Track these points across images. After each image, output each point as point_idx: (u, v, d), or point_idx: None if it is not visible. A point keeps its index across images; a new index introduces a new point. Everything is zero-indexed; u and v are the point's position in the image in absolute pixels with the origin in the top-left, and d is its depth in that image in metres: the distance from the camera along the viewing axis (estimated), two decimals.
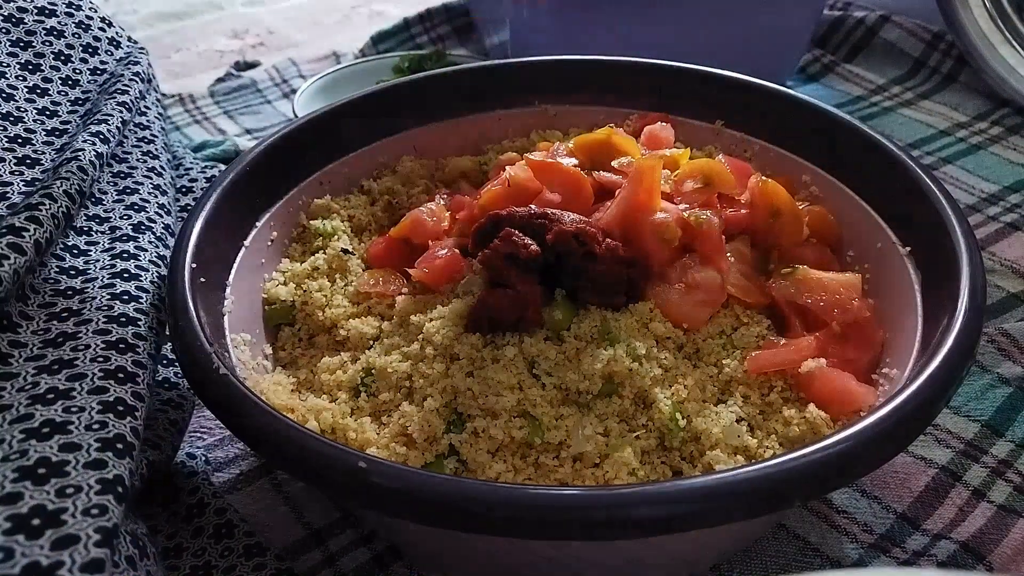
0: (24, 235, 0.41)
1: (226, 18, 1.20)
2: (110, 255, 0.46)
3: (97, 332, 0.41)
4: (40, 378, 0.38)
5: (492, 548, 0.38)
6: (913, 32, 0.92)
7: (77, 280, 0.44)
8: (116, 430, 0.36)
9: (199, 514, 0.47)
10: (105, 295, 0.43)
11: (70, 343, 0.40)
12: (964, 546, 0.45)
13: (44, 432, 0.35)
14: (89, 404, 0.36)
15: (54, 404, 0.36)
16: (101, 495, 0.33)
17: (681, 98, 0.61)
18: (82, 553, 0.31)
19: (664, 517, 0.33)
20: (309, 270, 0.52)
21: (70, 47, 0.56)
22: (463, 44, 1.05)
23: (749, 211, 0.50)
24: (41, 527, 0.31)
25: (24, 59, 0.53)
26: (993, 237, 0.67)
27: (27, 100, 0.52)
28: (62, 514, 0.32)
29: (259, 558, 0.45)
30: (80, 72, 0.56)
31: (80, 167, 0.47)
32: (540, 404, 0.42)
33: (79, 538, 0.31)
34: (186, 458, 0.51)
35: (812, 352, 0.44)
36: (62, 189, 0.45)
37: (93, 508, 0.32)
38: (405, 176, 0.60)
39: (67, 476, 0.33)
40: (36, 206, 0.43)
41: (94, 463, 0.34)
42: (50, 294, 0.43)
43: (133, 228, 0.48)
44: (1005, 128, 0.81)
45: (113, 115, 0.53)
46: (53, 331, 0.41)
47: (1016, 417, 0.52)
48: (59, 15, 0.57)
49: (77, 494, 0.33)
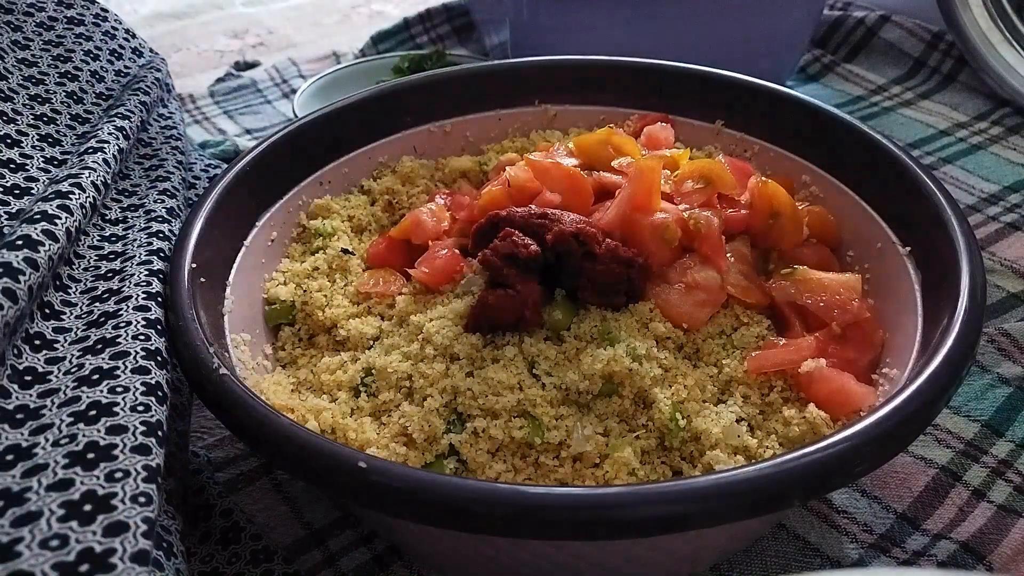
0: (56, 223, 0.42)
1: (226, 18, 1.20)
2: (146, 234, 0.47)
3: (137, 309, 0.41)
4: (85, 359, 0.38)
5: (492, 548, 0.38)
6: (913, 32, 0.93)
7: (116, 262, 0.45)
8: (157, 416, 0.36)
9: (205, 517, 0.47)
10: (143, 271, 0.44)
11: (111, 321, 0.40)
12: (964, 546, 0.45)
13: (91, 415, 0.34)
14: (133, 384, 0.36)
15: (99, 385, 0.36)
16: (147, 483, 0.32)
17: (681, 98, 0.61)
18: (131, 542, 0.30)
19: (664, 517, 0.33)
20: (309, 270, 0.52)
21: (98, 48, 0.58)
22: (463, 44, 1.05)
23: (749, 212, 0.50)
24: (93, 512, 0.31)
25: (56, 52, 0.55)
26: (993, 237, 0.67)
27: (57, 83, 0.53)
28: (111, 499, 0.31)
29: (266, 564, 0.45)
30: (106, 71, 0.58)
31: (104, 159, 0.48)
32: (540, 404, 0.42)
33: (128, 526, 0.31)
34: (190, 455, 0.51)
35: (812, 352, 0.44)
36: (90, 180, 0.46)
37: (140, 495, 0.32)
38: (405, 176, 0.60)
39: (115, 460, 0.33)
40: (66, 194, 0.44)
41: (140, 448, 0.34)
42: (91, 280, 0.43)
43: (167, 212, 0.50)
44: (1005, 128, 0.81)
45: (134, 112, 0.55)
46: (96, 312, 0.41)
47: (1016, 417, 0.52)
48: (87, 24, 0.59)
49: (125, 479, 0.32)
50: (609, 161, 0.52)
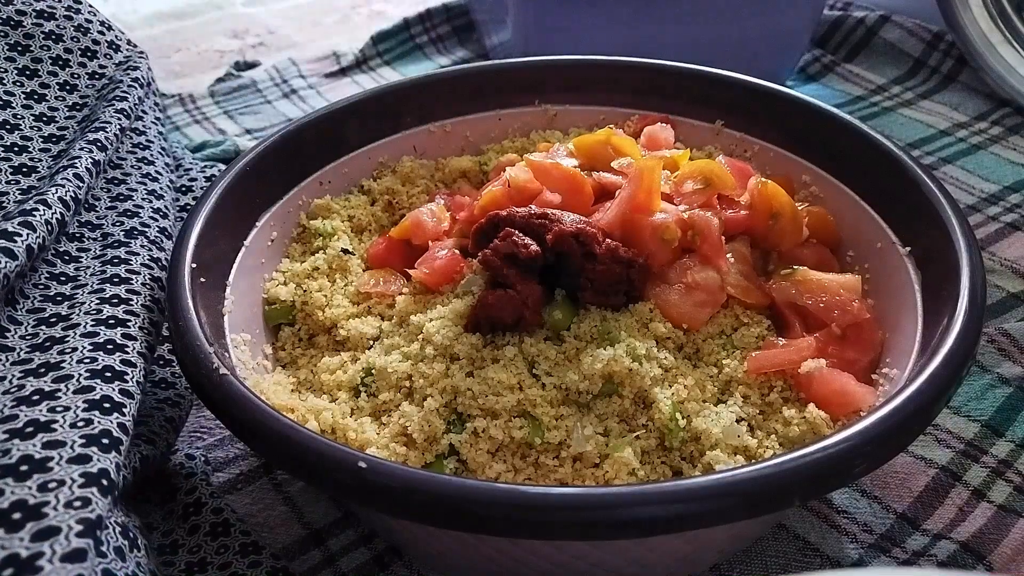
0: (16, 240, 0.41)
1: (226, 18, 1.20)
2: (101, 261, 0.46)
3: (85, 335, 0.41)
4: (26, 381, 0.38)
5: (492, 548, 0.38)
6: (913, 32, 0.93)
7: (67, 287, 0.44)
8: (102, 426, 0.36)
9: (196, 512, 0.47)
10: (94, 300, 0.43)
11: (57, 347, 0.40)
12: (964, 546, 0.45)
13: (27, 431, 0.35)
14: (74, 403, 0.37)
15: (39, 405, 0.37)
16: (84, 488, 0.33)
17: (681, 98, 0.61)
18: (63, 544, 0.31)
19: (664, 517, 0.33)
20: (309, 270, 0.52)
21: (68, 51, 0.56)
22: (463, 44, 1.05)
23: (749, 212, 0.50)
24: (22, 520, 0.32)
25: (22, 64, 0.53)
26: (993, 237, 0.67)
27: (24, 106, 0.52)
28: (43, 507, 0.32)
29: (255, 555, 0.45)
30: (78, 77, 0.56)
31: (76, 174, 0.47)
32: (540, 404, 0.42)
33: (60, 529, 0.31)
34: (185, 459, 0.51)
35: (812, 353, 0.44)
36: (57, 196, 0.45)
37: (76, 500, 0.33)
38: (405, 176, 0.60)
39: (50, 471, 0.33)
40: (31, 211, 0.43)
41: (78, 458, 0.34)
42: (39, 300, 0.43)
43: (125, 234, 0.48)
44: (1005, 128, 0.81)
45: (111, 123, 0.53)
46: (41, 336, 0.41)
47: (1016, 417, 0.52)
48: (58, 18, 0.57)
49: (60, 488, 0.33)
50: (609, 162, 0.52)
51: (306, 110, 0.92)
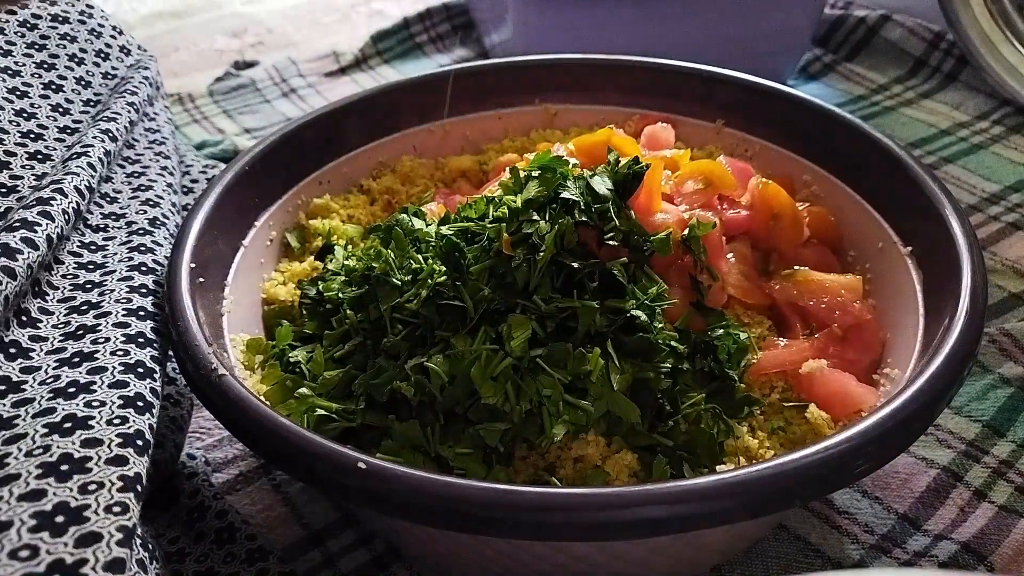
0: (37, 230, 0.41)
1: (225, 17, 1.20)
2: (128, 248, 0.46)
3: (117, 325, 0.41)
4: (61, 371, 0.38)
5: (492, 549, 0.38)
6: (914, 31, 0.92)
7: (96, 274, 0.44)
8: (136, 426, 0.35)
9: (200, 518, 0.47)
10: (124, 288, 0.43)
11: (90, 336, 0.40)
12: (965, 547, 0.45)
13: (66, 427, 0.34)
14: (110, 399, 0.36)
15: (75, 398, 0.36)
16: (122, 492, 0.32)
17: (681, 98, 0.61)
18: (104, 551, 0.30)
19: (664, 517, 0.32)
20: (308, 270, 0.52)
21: (83, 51, 0.57)
22: (463, 44, 1.05)
23: (749, 213, 0.50)
24: (65, 524, 0.31)
25: (39, 59, 0.54)
26: (994, 237, 0.67)
27: (41, 96, 0.52)
28: (84, 511, 0.31)
29: (262, 563, 0.45)
30: (93, 75, 0.56)
31: (89, 163, 0.47)
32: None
33: (101, 536, 0.31)
34: (186, 458, 0.51)
35: (813, 353, 0.44)
36: (72, 185, 0.45)
37: (115, 505, 0.32)
38: (405, 176, 0.60)
39: (89, 472, 0.33)
40: (48, 200, 0.43)
41: (115, 459, 0.33)
42: (69, 289, 0.43)
43: (149, 223, 0.49)
44: (1006, 127, 0.80)
45: (122, 114, 0.53)
46: (73, 324, 0.41)
47: (1017, 417, 0.52)
48: (72, 22, 0.58)
49: (99, 490, 0.32)
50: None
51: (305, 109, 0.92)
